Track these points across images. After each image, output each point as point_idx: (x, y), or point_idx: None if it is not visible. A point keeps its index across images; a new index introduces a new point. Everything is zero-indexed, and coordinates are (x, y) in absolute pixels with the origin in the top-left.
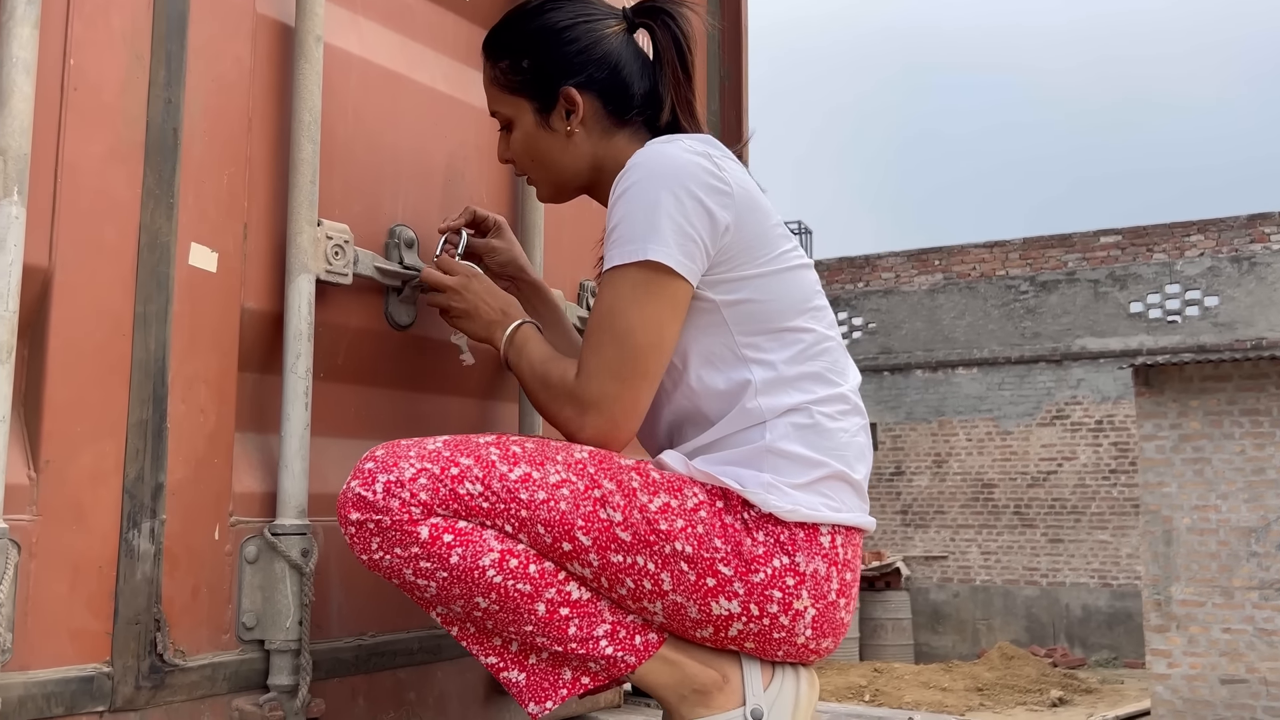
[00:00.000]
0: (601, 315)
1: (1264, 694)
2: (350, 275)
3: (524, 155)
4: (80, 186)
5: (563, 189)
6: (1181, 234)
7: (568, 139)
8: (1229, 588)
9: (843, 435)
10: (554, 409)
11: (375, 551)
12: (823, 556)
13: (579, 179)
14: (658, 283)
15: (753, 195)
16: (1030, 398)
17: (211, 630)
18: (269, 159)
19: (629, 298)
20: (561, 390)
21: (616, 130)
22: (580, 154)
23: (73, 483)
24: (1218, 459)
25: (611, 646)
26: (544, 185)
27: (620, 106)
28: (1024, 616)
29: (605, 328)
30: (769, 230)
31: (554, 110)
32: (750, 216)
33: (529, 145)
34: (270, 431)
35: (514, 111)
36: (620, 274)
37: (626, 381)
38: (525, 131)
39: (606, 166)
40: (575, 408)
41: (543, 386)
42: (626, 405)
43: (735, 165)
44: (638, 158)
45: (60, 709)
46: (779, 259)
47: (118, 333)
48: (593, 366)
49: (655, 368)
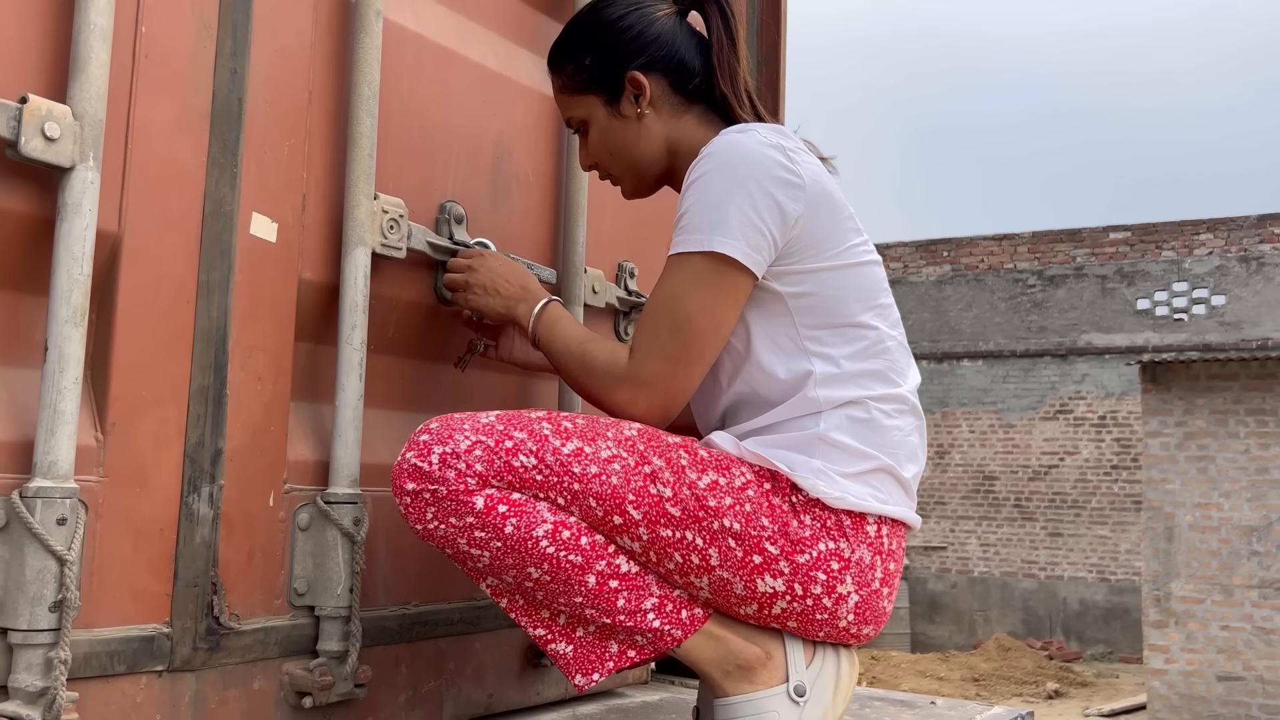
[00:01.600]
0: (661, 300)
1: (1260, 691)
2: (404, 249)
3: (602, 150)
4: (150, 153)
5: (643, 177)
6: (1191, 232)
7: (639, 123)
8: (1229, 585)
9: (896, 434)
10: (603, 390)
11: (430, 521)
12: (868, 545)
13: (657, 165)
14: (720, 273)
15: (825, 188)
16: (1034, 391)
17: (264, 595)
18: (327, 131)
19: (691, 285)
20: (613, 371)
21: (685, 110)
22: (654, 137)
23: (137, 446)
24: (1222, 457)
25: (659, 620)
26: (627, 178)
27: (683, 82)
28: (1021, 609)
29: (664, 312)
30: (839, 224)
31: (622, 97)
32: (821, 209)
33: (605, 139)
34: (322, 401)
35: (586, 111)
36: (685, 261)
37: (680, 363)
38: (600, 126)
39: (680, 150)
40: (630, 388)
41: (586, 369)
42: (680, 386)
43: (809, 158)
44: (711, 147)
45: (123, 667)
46: (846, 253)
47: (182, 299)
48: (650, 349)
49: (710, 353)
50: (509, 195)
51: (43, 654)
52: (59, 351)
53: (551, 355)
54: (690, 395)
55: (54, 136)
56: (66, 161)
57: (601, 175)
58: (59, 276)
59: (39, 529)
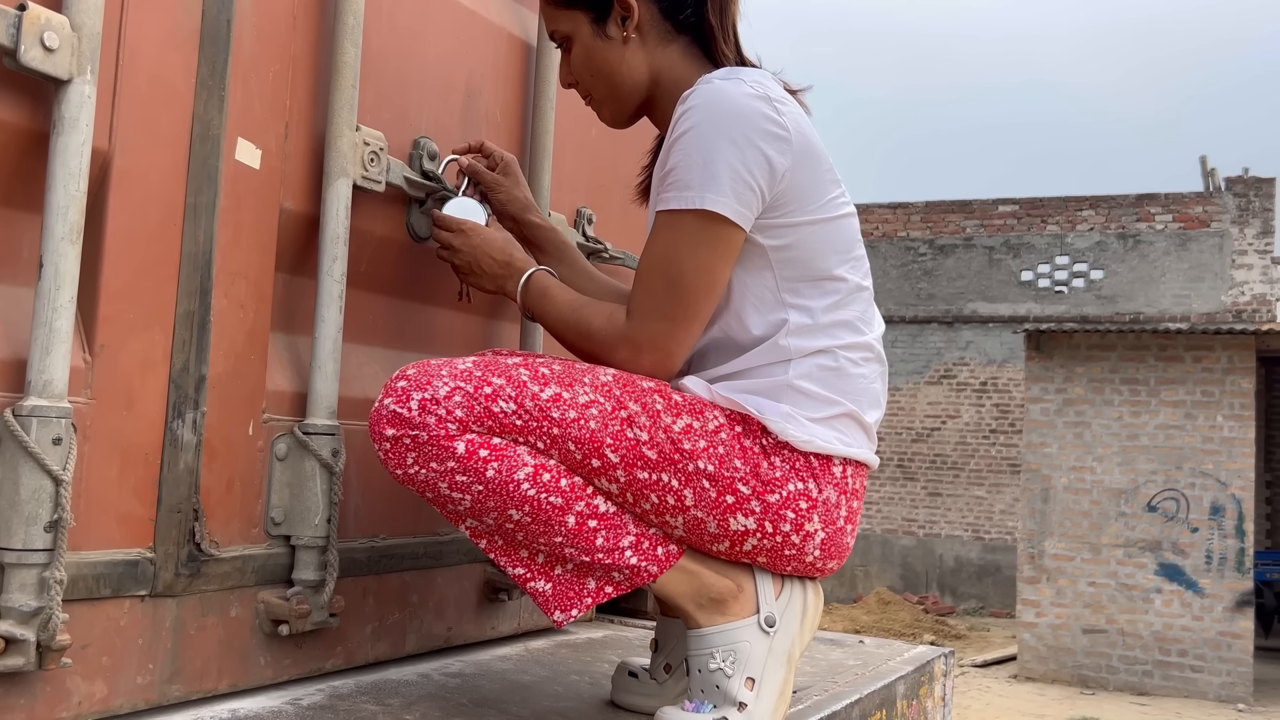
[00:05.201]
0: (655, 258)
1: (1120, 643)
2: (384, 183)
3: (584, 70)
4: (140, 71)
5: (624, 104)
6: (1075, 208)
7: (624, 47)
8: (1097, 544)
9: (861, 381)
10: (604, 352)
11: (411, 466)
12: (834, 485)
13: (639, 93)
14: (712, 230)
15: (809, 140)
16: (920, 356)
17: (242, 524)
18: (310, 60)
19: (684, 244)
20: (611, 334)
21: (671, 41)
22: (638, 63)
23: (124, 369)
24: (1097, 423)
25: (636, 556)
26: (606, 103)
27: (675, 11)
28: (900, 565)
29: (659, 271)
30: (820, 176)
31: (610, 17)
32: (805, 162)
33: (588, 58)
34: (299, 333)
35: (571, 26)
36: (676, 219)
37: (678, 321)
38: (584, 44)
39: (663, 82)
40: (630, 348)
41: (584, 334)
42: (679, 343)
43: (793, 108)
44: (697, 96)
45: (107, 590)
46: (826, 206)
47: (169, 222)
48: (647, 309)
49: (706, 310)
50: (478, 135)
51: (37, 574)
52: (55, 269)
53: (546, 324)
54: (690, 351)
55: (53, 47)
56: (64, 74)
57: (583, 95)
58: (54, 192)
59: (35, 448)
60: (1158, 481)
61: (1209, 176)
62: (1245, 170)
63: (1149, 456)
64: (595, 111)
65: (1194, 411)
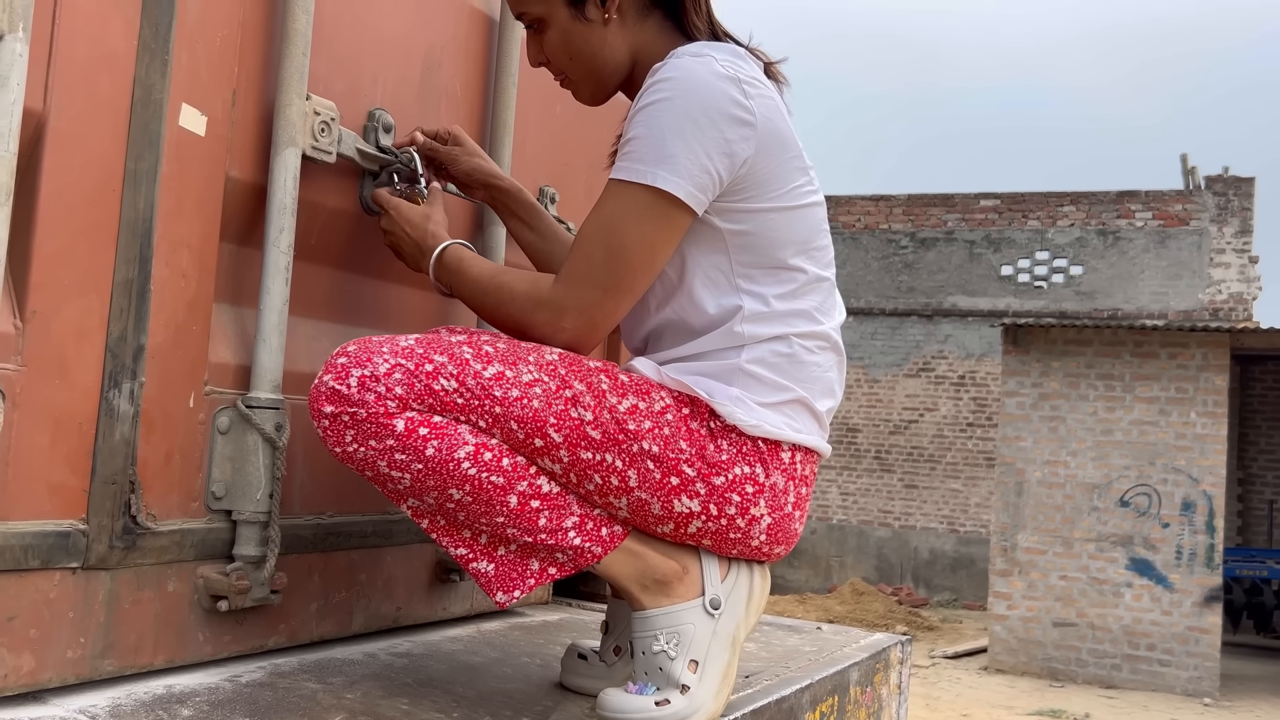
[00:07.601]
0: (598, 226)
1: (1090, 637)
2: (334, 154)
3: (561, 54)
4: (78, 31)
5: (604, 85)
6: (1056, 204)
7: (605, 28)
8: (1070, 538)
9: (815, 369)
10: (523, 316)
11: (349, 444)
12: (782, 471)
13: (619, 73)
14: (661, 208)
15: (776, 126)
16: (900, 349)
17: (182, 497)
18: (260, 26)
19: (630, 216)
20: (534, 297)
21: (646, 16)
22: (619, 44)
23: (57, 336)
24: (1072, 418)
25: (579, 537)
26: (585, 84)
27: None
28: (875, 556)
29: (600, 240)
30: (786, 163)
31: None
32: (770, 149)
33: (566, 42)
34: (244, 305)
35: (545, 9)
36: (626, 190)
37: (609, 292)
38: (561, 28)
39: (641, 58)
40: (552, 311)
41: (504, 298)
42: (606, 313)
43: (764, 89)
44: (665, 71)
45: (36, 562)
46: (789, 195)
47: (108, 187)
48: (581, 272)
49: (640, 286)
50: (436, 110)
51: None
52: None
53: (464, 297)
54: (614, 325)
55: None
56: None
57: (556, 75)
58: None
59: None
60: (1130, 477)
61: (1189, 175)
62: (1225, 169)
63: (1122, 452)
64: (572, 92)
65: (1168, 408)
